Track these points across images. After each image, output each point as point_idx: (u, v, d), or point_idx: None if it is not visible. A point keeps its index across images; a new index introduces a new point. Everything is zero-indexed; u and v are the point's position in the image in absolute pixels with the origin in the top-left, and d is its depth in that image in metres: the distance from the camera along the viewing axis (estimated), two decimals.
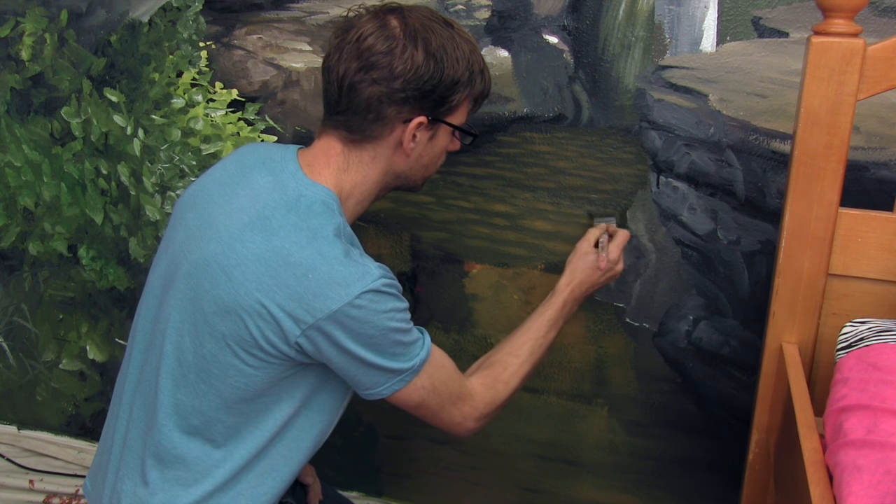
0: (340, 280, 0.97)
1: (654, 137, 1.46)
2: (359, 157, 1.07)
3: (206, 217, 1.06)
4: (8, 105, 1.83)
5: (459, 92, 1.07)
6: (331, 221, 1.01)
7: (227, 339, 1.01)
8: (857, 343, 1.07)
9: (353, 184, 1.08)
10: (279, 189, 1.03)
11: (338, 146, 1.07)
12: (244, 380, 1.02)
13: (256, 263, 0.98)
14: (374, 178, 1.09)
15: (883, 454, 0.87)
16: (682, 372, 1.56)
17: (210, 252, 1.02)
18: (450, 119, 1.09)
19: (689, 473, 1.61)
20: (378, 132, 1.05)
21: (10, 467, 2.05)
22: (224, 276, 1.00)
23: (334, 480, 1.83)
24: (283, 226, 1.00)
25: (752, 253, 1.46)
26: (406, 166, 1.10)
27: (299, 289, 0.97)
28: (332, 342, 0.98)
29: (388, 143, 1.07)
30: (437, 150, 1.12)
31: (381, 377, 1.02)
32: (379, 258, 1.69)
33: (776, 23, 1.35)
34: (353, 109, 1.04)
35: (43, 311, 1.97)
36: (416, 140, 1.07)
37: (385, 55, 1.01)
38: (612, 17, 1.43)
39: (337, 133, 1.07)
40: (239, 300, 0.99)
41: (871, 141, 1.33)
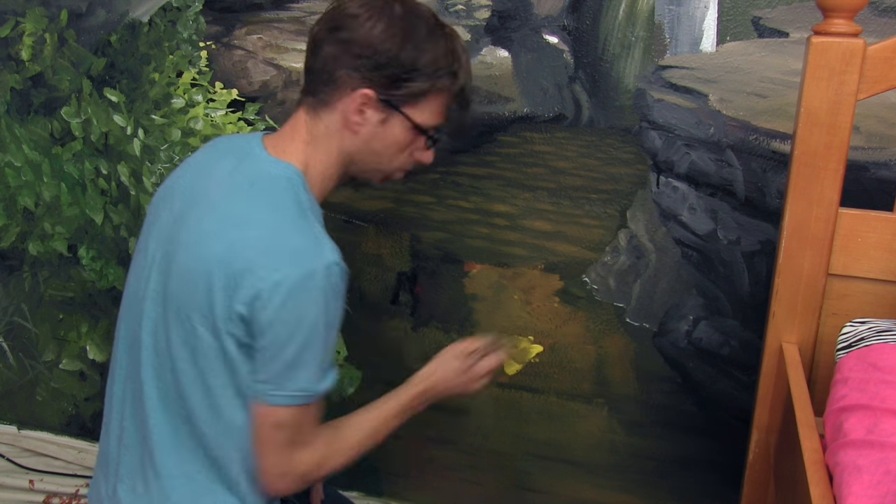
0: (292, 255, 0.96)
1: (654, 137, 1.46)
2: (316, 128, 1.05)
3: (180, 212, 1.07)
4: (8, 105, 1.83)
5: (419, 81, 1.03)
6: (291, 195, 1.01)
7: (193, 320, 1.01)
8: (857, 343, 1.07)
9: (317, 160, 1.06)
10: (241, 171, 1.04)
11: (304, 118, 1.06)
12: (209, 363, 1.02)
13: (215, 238, 0.99)
14: (332, 153, 1.06)
15: (883, 454, 0.87)
16: (682, 372, 1.56)
17: (179, 240, 1.03)
18: (409, 111, 1.05)
19: (689, 473, 1.61)
20: (329, 96, 1.03)
21: (10, 467, 2.05)
22: (186, 256, 1.01)
23: (334, 480, 1.83)
24: (243, 200, 1.00)
25: (752, 253, 1.46)
26: (355, 147, 1.06)
27: (252, 260, 0.96)
28: (268, 314, 0.96)
29: (337, 114, 1.04)
30: (391, 141, 1.07)
31: (283, 377, 0.99)
32: (379, 258, 1.70)
33: (776, 23, 1.35)
34: (314, 70, 1.04)
35: (43, 311, 1.97)
36: (363, 117, 1.03)
37: (352, 19, 1.01)
38: (612, 17, 1.43)
39: (305, 101, 1.06)
40: (199, 275, 0.99)
41: (871, 141, 1.33)
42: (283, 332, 0.97)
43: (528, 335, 1.64)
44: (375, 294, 1.72)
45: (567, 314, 1.60)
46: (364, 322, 1.74)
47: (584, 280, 1.58)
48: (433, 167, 1.60)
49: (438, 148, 1.13)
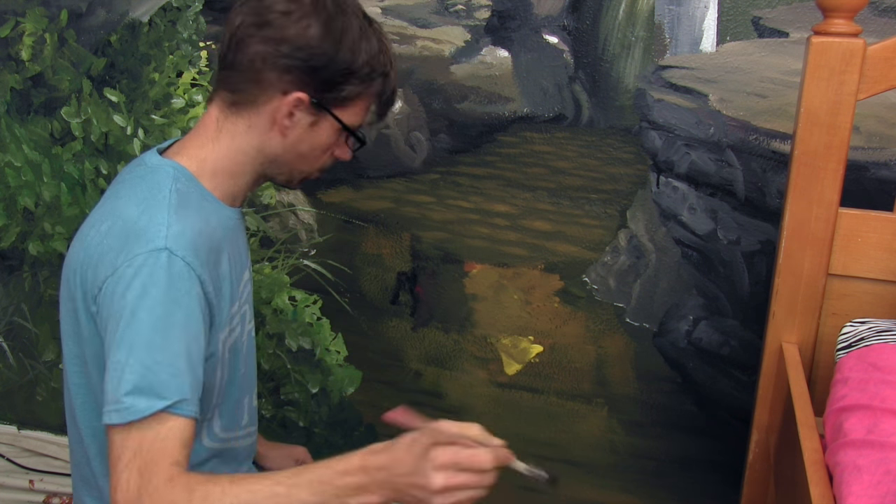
0: (128, 236, 0.90)
1: (654, 137, 1.46)
2: (233, 126, 0.99)
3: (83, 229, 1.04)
4: (8, 105, 1.83)
5: (353, 84, 0.98)
6: (152, 185, 0.95)
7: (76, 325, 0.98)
8: (857, 343, 1.07)
9: (221, 155, 1.00)
10: (125, 172, 1.02)
11: (214, 113, 1.01)
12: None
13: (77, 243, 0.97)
14: (246, 151, 1.00)
15: (883, 454, 0.87)
16: (682, 372, 1.56)
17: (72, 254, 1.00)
18: (340, 113, 1.00)
19: (689, 473, 1.61)
20: (255, 96, 0.97)
21: (10, 467, 2.05)
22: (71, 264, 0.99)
23: None
24: (111, 198, 0.98)
25: (752, 253, 1.46)
26: (280, 149, 1.00)
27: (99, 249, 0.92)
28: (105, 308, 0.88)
29: (264, 115, 0.98)
30: (318, 143, 1.02)
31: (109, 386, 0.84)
32: (379, 258, 1.70)
33: (776, 23, 1.35)
34: (236, 66, 0.97)
35: (43, 311, 1.97)
36: (293, 119, 0.98)
37: (282, 16, 0.95)
38: (612, 17, 1.43)
39: (219, 95, 1.01)
40: (65, 285, 0.98)
41: (871, 141, 1.33)
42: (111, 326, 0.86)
43: (528, 335, 1.64)
44: (375, 294, 1.72)
45: (567, 314, 1.60)
46: (364, 322, 1.74)
47: (584, 280, 1.58)
48: (433, 167, 1.61)
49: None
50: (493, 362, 1.68)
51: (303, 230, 1.73)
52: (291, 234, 1.73)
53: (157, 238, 0.89)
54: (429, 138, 1.60)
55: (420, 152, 1.61)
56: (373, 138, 1.63)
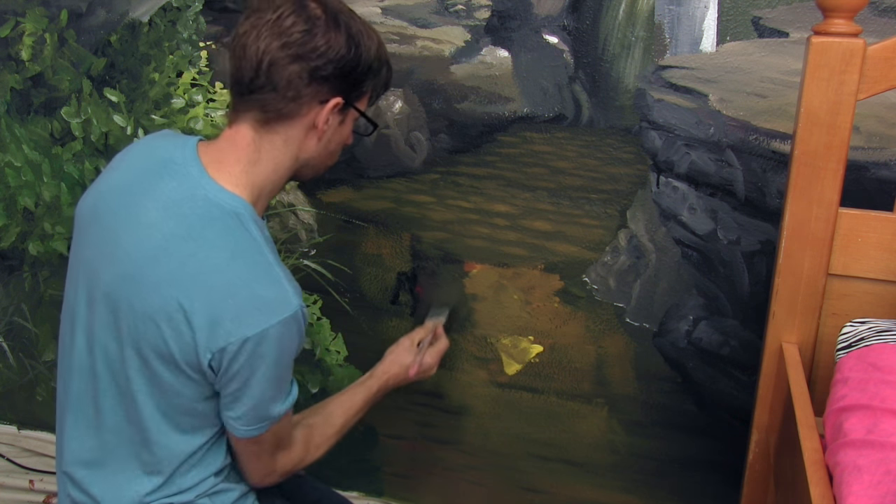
0: (261, 306, 0.98)
1: (654, 137, 1.46)
2: (270, 143, 1.04)
3: (112, 234, 1.04)
4: (8, 105, 1.83)
5: (371, 79, 1.07)
6: (248, 237, 1.00)
7: (151, 359, 1.01)
8: (857, 343, 1.07)
9: (266, 177, 1.05)
10: (188, 200, 1.01)
11: (248, 133, 1.03)
12: (173, 399, 1.04)
13: (174, 285, 0.98)
14: (286, 164, 1.06)
15: (883, 454, 0.87)
16: (682, 372, 1.56)
17: (125, 273, 1.01)
18: (359, 105, 1.09)
19: (689, 473, 1.61)
20: (294, 111, 1.02)
21: (10, 467, 2.05)
22: (141, 297, 1.00)
23: (334, 480, 1.83)
24: (201, 245, 0.99)
25: (752, 253, 1.46)
26: (315, 151, 1.08)
27: (218, 311, 0.97)
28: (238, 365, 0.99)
29: (301, 125, 1.04)
30: (343, 137, 1.11)
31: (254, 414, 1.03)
32: (379, 258, 1.70)
33: (776, 23, 1.35)
34: (271, 86, 1.00)
35: (43, 311, 1.97)
36: (328, 123, 1.05)
37: (307, 34, 0.99)
38: (612, 17, 1.43)
39: (249, 115, 1.03)
40: (159, 319, 0.99)
41: (871, 141, 1.33)
42: (252, 377, 1.00)
43: (528, 335, 1.64)
44: (375, 294, 1.72)
45: (567, 314, 1.60)
46: (364, 322, 1.74)
47: (584, 280, 1.58)
48: (433, 167, 1.61)
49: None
50: (493, 362, 1.68)
51: (303, 230, 1.73)
52: (291, 234, 1.73)
53: (288, 304, 0.99)
54: (429, 138, 1.60)
55: (420, 152, 1.61)
56: (373, 139, 1.63)
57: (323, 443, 1.20)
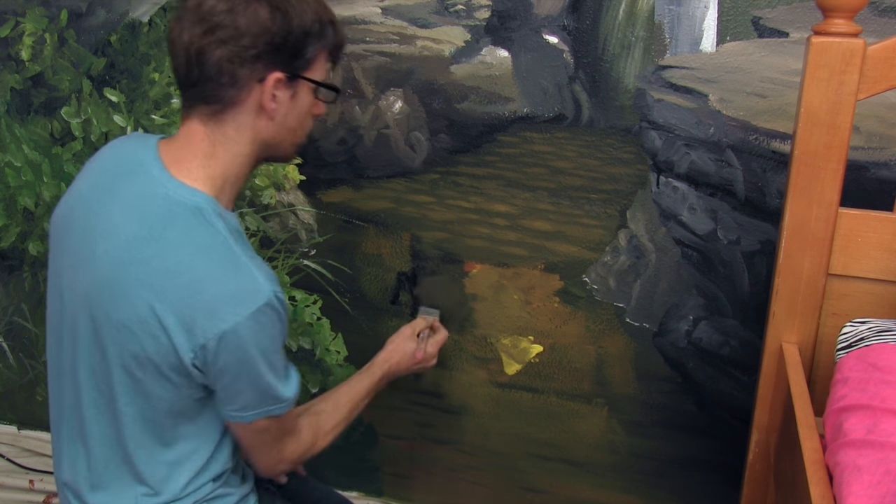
0: (230, 298, 0.96)
1: (654, 137, 1.46)
2: (223, 134, 1.01)
3: (85, 241, 1.03)
4: (8, 105, 1.83)
5: (312, 45, 1.02)
6: (211, 231, 0.98)
7: (131, 366, 1.00)
8: (857, 343, 1.07)
9: (224, 168, 1.02)
10: (150, 199, 0.99)
11: (200, 129, 1.01)
12: (156, 404, 1.03)
13: (144, 288, 0.97)
14: (244, 151, 1.03)
15: (883, 454, 0.87)
16: (682, 372, 1.56)
17: (98, 280, 1.00)
18: (310, 75, 1.04)
19: (689, 473, 1.61)
20: (235, 97, 0.99)
21: (10, 467, 2.05)
22: (115, 304, 0.99)
23: (334, 480, 1.83)
24: (165, 244, 0.97)
25: (752, 253, 1.46)
26: (273, 131, 1.04)
27: (190, 310, 0.96)
28: (223, 360, 0.97)
29: (248, 109, 1.00)
30: (302, 111, 1.06)
31: (259, 399, 1.03)
32: (379, 258, 1.70)
33: (776, 23, 1.35)
34: (205, 78, 0.98)
35: (43, 311, 1.97)
36: (276, 100, 1.01)
37: (227, 14, 0.96)
38: (612, 17, 1.43)
39: (196, 111, 1.01)
40: (133, 325, 0.97)
41: (871, 141, 1.33)
42: (239, 371, 0.99)
43: (528, 335, 1.64)
44: (375, 294, 1.72)
45: (567, 314, 1.60)
46: (364, 322, 1.74)
47: (584, 280, 1.58)
48: (433, 167, 1.61)
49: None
50: (493, 362, 1.68)
51: (303, 230, 1.73)
52: (291, 234, 1.73)
53: (259, 292, 0.97)
54: (429, 138, 1.60)
55: (420, 152, 1.61)
56: (372, 139, 1.63)
57: (331, 429, 1.21)
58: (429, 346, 1.43)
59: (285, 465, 1.14)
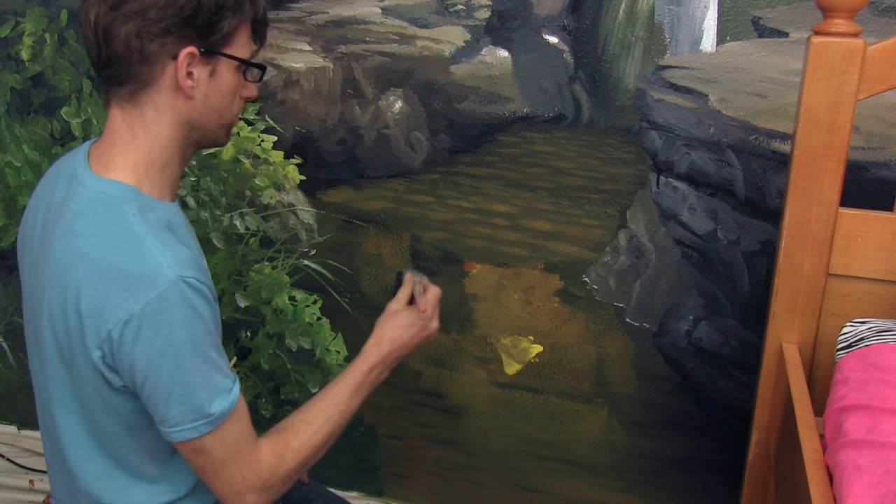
0: (129, 284, 0.90)
1: (654, 137, 1.46)
2: (141, 116, 0.96)
3: (30, 258, 1.03)
4: (8, 105, 1.83)
5: (228, 18, 0.96)
6: (116, 218, 0.93)
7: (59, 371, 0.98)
8: (857, 343, 1.07)
9: (145, 154, 0.97)
10: (71, 200, 0.97)
11: (118, 115, 0.97)
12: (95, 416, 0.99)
13: (56, 286, 0.94)
14: (166, 134, 0.98)
15: (883, 454, 0.87)
16: (682, 372, 1.56)
17: (27, 290, 1.00)
18: (230, 51, 0.98)
19: (689, 473, 1.61)
20: (148, 75, 0.94)
21: (10, 467, 2.05)
22: (42, 310, 0.97)
23: (334, 480, 1.83)
24: (73, 238, 0.94)
25: (752, 253, 1.46)
26: (195, 112, 0.98)
27: (92, 301, 0.91)
28: (126, 354, 0.91)
29: (165, 88, 0.95)
30: (226, 91, 1.00)
31: (176, 412, 0.93)
32: (379, 258, 1.70)
33: (776, 23, 1.35)
34: (115, 57, 0.93)
35: None
36: (193, 78, 0.95)
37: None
38: (612, 17, 1.43)
39: (112, 95, 0.97)
40: (57, 330, 0.95)
41: (871, 141, 1.33)
42: (149, 369, 0.91)
43: (528, 335, 1.64)
44: (375, 294, 1.72)
45: (567, 314, 1.60)
46: (364, 322, 1.74)
47: (584, 280, 1.58)
48: (433, 167, 1.61)
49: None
50: (493, 362, 1.68)
51: (303, 230, 1.73)
52: (291, 234, 1.73)
53: (160, 276, 0.90)
54: (429, 138, 1.60)
55: (420, 152, 1.61)
56: (372, 139, 1.63)
57: (303, 444, 1.04)
58: (428, 301, 1.18)
59: (254, 497, 1.00)
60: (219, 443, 0.96)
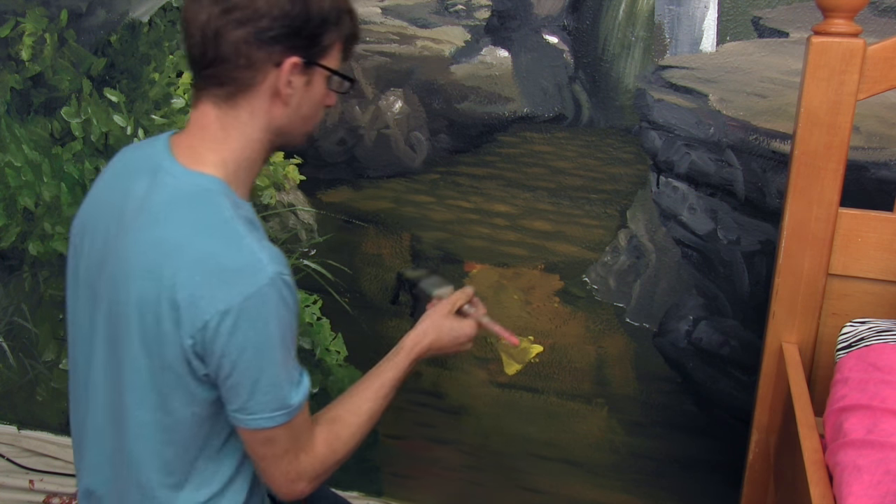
0: (229, 278, 0.92)
1: (654, 137, 1.46)
2: (235, 118, 1.00)
3: (101, 243, 1.03)
4: (8, 105, 1.83)
5: (329, 32, 1.00)
6: (214, 210, 0.96)
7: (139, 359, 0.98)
8: (857, 343, 1.07)
9: (237, 152, 1.01)
10: (158, 189, 0.98)
11: (211, 112, 1.00)
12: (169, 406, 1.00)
13: (148, 275, 0.95)
14: (256, 136, 1.01)
15: (883, 454, 0.87)
16: (682, 372, 1.56)
17: (113, 277, 1.00)
18: (325, 62, 1.02)
19: (689, 473, 1.61)
20: (250, 79, 0.98)
21: (10, 467, 2.05)
22: (126, 297, 0.97)
23: (334, 480, 1.83)
24: (167, 228, 0.96)
25: (752, 253, 1.46)
26: (286, 118, 1.02)
27: (188, 291, 0.93)
28: (220, 345, 0.93)
29: (263, 93, 0.99)
30: (316, 99, 1.04)
31: (259, 400, 0.96)
32: (379, 258, 1.70)
33: (776, 23, 1.35)
34: (221, 58, 0.96)
35: (43, 311, 1.97)
36: (292, 86, 0.99)
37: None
38: (612, 17, 1.43)
39: (208, 94, 1.00)
40: (145, 317, 0.96)
41: (871, 141, 1.33)
42: (239, 360, 0.94)
43: (528, 335, 1.64)
44: (375, 294, 1.72)
45: (567, 314, 1.60)
46: (364, 322, 1.74)
47: (584, 280, 1.58)
48: (433, 167, 1.61)
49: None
50: (493, 362, 1.68)
51: (303, 230, 1.73)
52: (291, 234, 1.73)
53: (261, 271, 0.93)
54: (429, 138, 1.60)
55: (420, 152, 1.61)
56: (372, 139, 1.63)
57: (351, 435, 1.10)
58: (466, 326, 1.23)
59: (304, 485, 1.04)
60: (288, 432, 1.00)
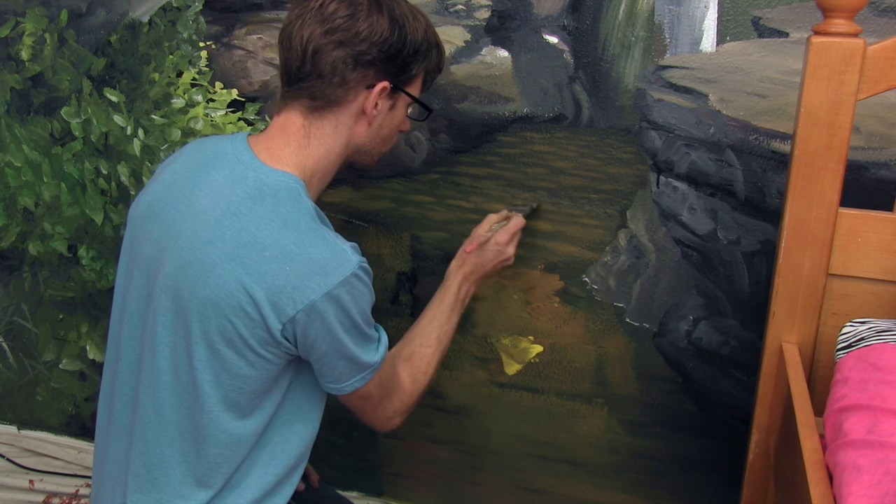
0: (319, 269, 0.98)
1: (654, 137, 1.46)
2: (320, 128, 1.06)
3: (171, 226, 1.05)
4: (8, 105, 1.83)
5: (419, 62, 1.09)
6: (299, 207, 1.01)
7: (218, 344, 1.00)
8: (857, 343, 1.07)
9: (316, 160, 1.07)
10: (239, 182, 1.02)
11: (298, 120, 1.06)
12: (240, 383, 1.02)
13: (231, 262, 0.98)
14: (336, 150, 1.08)
15: (883, 454, 0.87)
16: (682, 372, 1.56)
17: (184, 261, 1.01)
18: (410, 90, 1.11)
19: (689, 473, 1.61)
20: (341, 97, 1.05)
21: (10, 467, 2.05)
22: (202, 281, 0.99)
23: (334, 480, 1.83)
24: (252, 219, 0.99)
25: (752, 253, 1.46)
26: (367, 137, 1.10)
27: (278, 281, 0.97)
28: (314, 331, 0.99)
29: (350, 111, 1.06)
30: (395, 123, 1.13)
31: (349, 370, 1.04)
32: (379, 258, 1.70)
33: (776, 23, 1.35)
34: (317, 73, 1.03)
35: (43, 311, 1.97)
36: (378, 108, 1.07)
37: (349, 18, 1.02)
38: (612, 17, 1.43)
39: (298, 104, 1.06)
40: (221, 301, 0.98)
41: (871, 141, 1.33)
42: (331, 341, 1.01)
43: (528, 335, 1.64)
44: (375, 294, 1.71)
45: (567, 314, 1.60)
46: None
47: (584, 280, 1.58)
48: (433, 167, 1.61)
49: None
50: (493, 362, 1.68)
51: None
52: None
53: (347, 262, 1.00)
54: (429, 138, 1.60)
55: (420, 152, 1.61)
56: None
57: (429, 365, 1.21)
58: (497, 235, 1.37)
59: (398, 419, 1.16)
60: (378, 384, 1.09)
